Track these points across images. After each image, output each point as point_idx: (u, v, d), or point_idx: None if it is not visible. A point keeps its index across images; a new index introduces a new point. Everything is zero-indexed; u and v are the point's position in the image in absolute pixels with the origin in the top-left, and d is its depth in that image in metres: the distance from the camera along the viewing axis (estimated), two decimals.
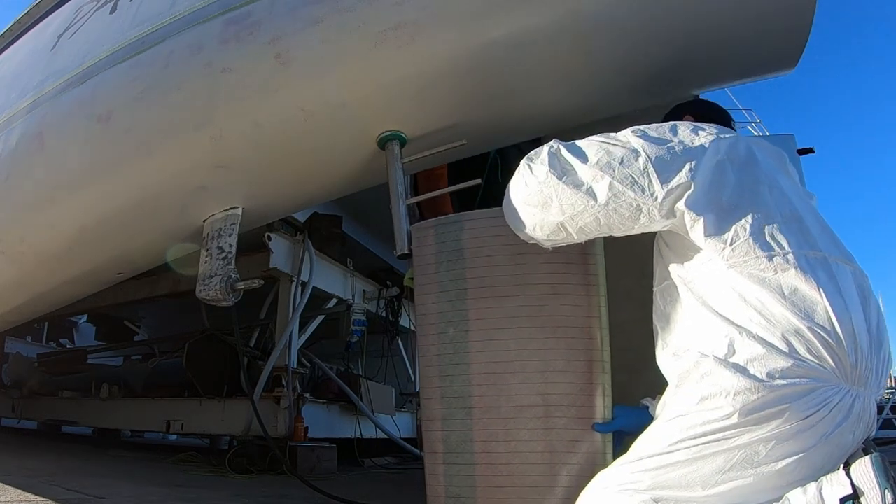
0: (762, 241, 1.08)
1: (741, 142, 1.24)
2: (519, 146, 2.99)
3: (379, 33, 1.70)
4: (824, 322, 0.99)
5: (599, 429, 1.35)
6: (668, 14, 1.71)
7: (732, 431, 0.96)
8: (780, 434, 0.94)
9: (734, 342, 1.03)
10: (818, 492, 0.89)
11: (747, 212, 1.11)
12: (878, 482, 0.85)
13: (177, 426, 3.60)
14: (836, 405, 0.96)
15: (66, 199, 2.26)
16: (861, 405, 0.98)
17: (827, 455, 0.95)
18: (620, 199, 1.13)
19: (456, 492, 1.46)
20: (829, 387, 0.97)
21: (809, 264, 1.05)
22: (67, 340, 6.91)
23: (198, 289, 2.06)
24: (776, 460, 0.94)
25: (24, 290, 2.79)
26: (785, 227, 1.10)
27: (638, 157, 1.14)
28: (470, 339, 1.50)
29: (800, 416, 0.94)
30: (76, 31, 2.38)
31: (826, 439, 0.95)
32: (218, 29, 1.88)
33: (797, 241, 1.08)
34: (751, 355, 1.00)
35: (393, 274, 4.53)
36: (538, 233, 1.30)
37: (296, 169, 2.10)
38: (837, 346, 0.98)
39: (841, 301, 1.02)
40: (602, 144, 1.21)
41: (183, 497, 2.12)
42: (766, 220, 1.11)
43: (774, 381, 0.96)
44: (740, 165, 1.18)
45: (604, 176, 1.14)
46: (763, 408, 0.95)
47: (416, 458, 3.96)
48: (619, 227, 1.19)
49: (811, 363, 0.98)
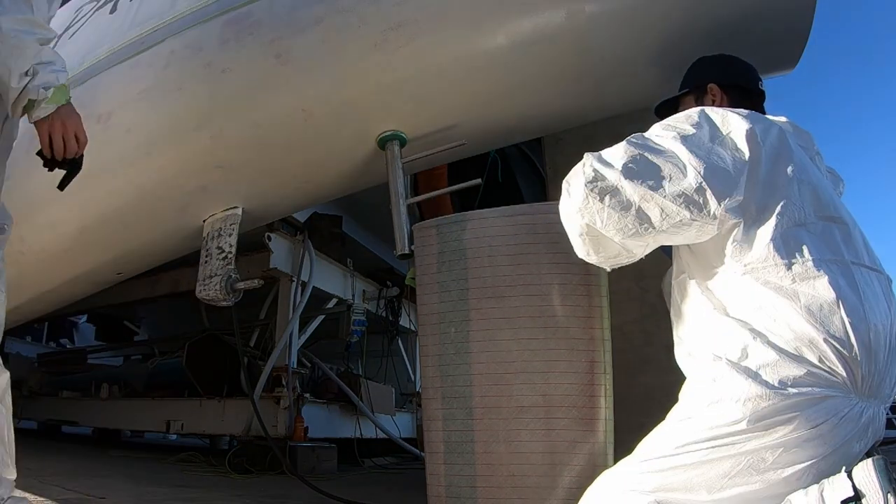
0: (783, 248, 1.05)
1: (774, 128, 1.18)
2: (519, 146, 3.01)
3: (379, 33, 1.70)
4: (839, 333, 0.98)
5: None
6: (668, 14, 1.70)
7: (740, 437, 0.96)
8: (788, 442, 0.94)
9: (748, 347, 1.02)
10: (819, 494, 0.89)
11: (772, 214, 1.08)
12: (880, 485, 0.84)
13: (177, 426, 3.60)
14: (845, 415, 0.95)
15: (66, 199, 2.25)
16: (870, 416, 0.98)
17: (833, 464, 0.94)
18: (675, 219, 1.07)
19: (457, 492, 1.46)
20: (840, 397, 0.96)
21: (830, 272, 1.03)
22: (67, 340, 6.90)
23: (198, 289, 2.06)
24: (782, 467, 0.94)
25: (24, 290, 2.79)
26: (809, 231, 1.08)
27: (686, 171, 1.08)
28: (471, 339, 1.50)
29: (809, 425, 0.94)
30: (76, 30, 2.38)
31: (834, 449, 0.94)
32: (218, 29, 1.88)
33: (819, 247, 1.06)
34: (763, 362, 0.99)
35: (393, 274, 4.52)
36: (594, 258, 1.21)
37: (296, 169, 2.10)
38: (851, 357, 0.97)
39: (860, 311, 1.00)
40: (642, 155, 1.11)
41: (183, 497, 2.12)
42: (791, 223, 1.08)
43: (786, 389, 0.96)
44: (773, 157, 1.14)
45: (653, 195, 1.08)
46: (772, 415, 0.95)
47: (416, 458, 3.96)
48: (669, 241, 1.16)
49: (823, 373, 0.97)
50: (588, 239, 1.16)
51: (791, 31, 1.74)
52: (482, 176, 2.60)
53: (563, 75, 1.85)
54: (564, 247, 1.36)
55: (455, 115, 1.92)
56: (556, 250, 1.46)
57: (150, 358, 4.63)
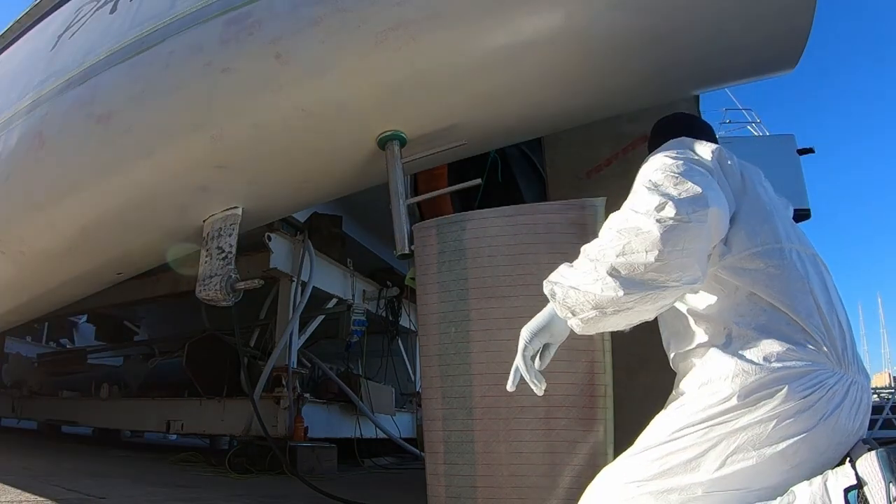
0: (755, 236, 1.13)
1: (724, 149, 1.28)
2: (519, 146, 3.01)
3: (379, 33, 1.70)
4: (814, 311, 1.06)
5: None
6: (669, 14, 1.70)
7: (733, 413, 0.99)
8: (780, 414, 0.97)
9: (731, 332, 1.08)
10: (823, 483, 0.91)
11: (743, 212, 1.17)
12: (882, 475, 0.86)
13: (177, 426, 3.60)
14: (831, 387, 0.99)
15: (66, 199, 2.26)
16: (857, 391, 1.02)
17: (828, 438, 0.97)
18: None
19: (457, 492, 1.46)
20: (823, 370, 1.00)
21: (799, 259, 1.12)
22: (67, 340, 6.90)
23: (198, 289, 2.06)
24: (777, 441, 0.96)
25: (24, 290, 2.79)
26: (770, 224, 1.16)
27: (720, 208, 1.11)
28: (472, 339, 1.50)
29: (797, 396, 0.97)
30: (76, 31, 2.38)
31: (825, 420, 0.97)
32: (218, 29, 1.88)
33: (786, 236, 1.15)
34: (747, 342, 1.05)
35: (393, 274, 4.52)
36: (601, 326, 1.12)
37: (296, 169, 2.10)
38: (828, 333, 1.04)
39: (826, 293, 1.10)
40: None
41: (183, 497, 2.12)
42: (758, 217, 1.16)
43: (770, 363, 1.00)
44: (731, 174, 1.23)
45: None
46: (760, 388, 0.99)
47: (416, 458, 3.96)
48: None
49: (805, 348, 1.02)
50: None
51: (791, 30, 1.74)
52: (482, 176, 2.60)
53: (564, 75, 1.85)
54: (564, 247, 1.36)
55: (455, 115, 1.92)
56: (556, 250, 1.46)
57: (150, 358, 4.63)
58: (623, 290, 0.99)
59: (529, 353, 1.14)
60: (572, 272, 1.08)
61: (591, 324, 1.05)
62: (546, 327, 1.14)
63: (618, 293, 0.99)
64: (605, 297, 1.01)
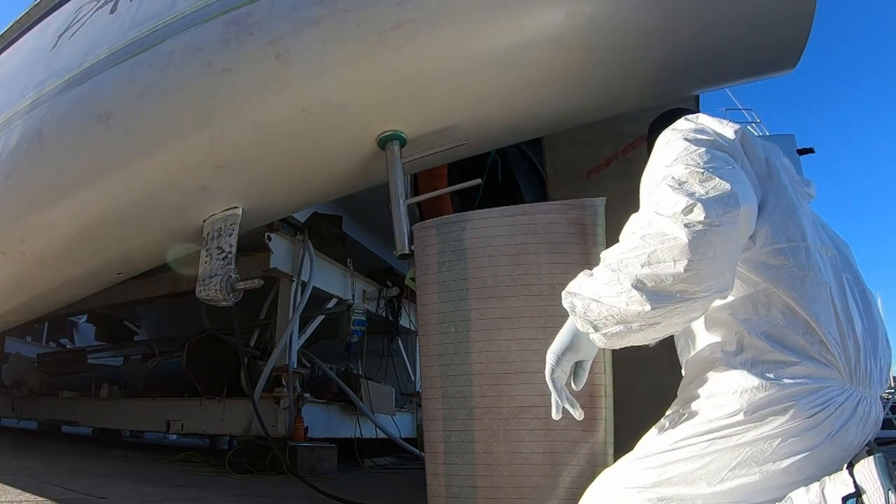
0: (781, 230, 1.05)
1: (747, 130, 1.19)
2: (519, 146, 3.01)
3: (379, 33, 1.70)
4: (833, 321, 0.99)
5: None
6: (669, 14, 1.70)
7: (738, 428, 0.96)
8: (786, 432, 0.94)
9: (742, 340, 1.03)
10: (821, 490, 0.89)
11: (770, 203, 1.08)
12: (881, 482, 0.84)
13: (177, 426, 3.60)
14: (841, 405, 0.95)
15: (66, 198, 2.26)
16: (866, 406, 0.98)
17: (832, 455, 0.94)
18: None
19: (456, 492, 1.46)
20: (833, 387, 0.96)
21: (822, 261, 1.04)
22: (67, 340, 6.90)
23: (198, 289, 2.06)
24: (781, 458, 0.93)
25: (24, 290, 2.79)
26: (795, 218, 1.07)
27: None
28: (471, 339, 1.50)
29: (805, 414, 0.94)
30: (76, 31, 2.38)
31: (831, 438, 0.94)
32: (218, 29, 1.88)
33: (811, 233, 1.06)
34: (758, 353, 1.00)
35: (393, 274, 4.53)
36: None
37: (296, 169, 2.10)
38: (843, 346, 0.98)
39: (843, 299, 1.02)
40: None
41: (183, 497, 2.12)
42: (784, 209, 1.07)
43: (781, 380, 0.96)
44: (756, 158, 1.13)
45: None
46: (769, 405, 0.95)
47: (416, 458, 3.96)
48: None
49: (818, 363, 0.97)
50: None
51: (791, 30, 1.74)
52: (482, 176, 2.60)
53: (564, 75, 1.85)
54: (564, 247, 1.36)
55: (455, 115, 1.92)
56: (556, 250, 1.46)
57: (150, 358, 4.63)
58: (650, 304, 0.90)
59: (559, 376, 1.08)
60: (593, 283, 0.99)
61: (614, 339, 0.98)
62: (571, 346, 1.07)
63: (644, 307, 0.91)
64: (631, 311, 0.92)
